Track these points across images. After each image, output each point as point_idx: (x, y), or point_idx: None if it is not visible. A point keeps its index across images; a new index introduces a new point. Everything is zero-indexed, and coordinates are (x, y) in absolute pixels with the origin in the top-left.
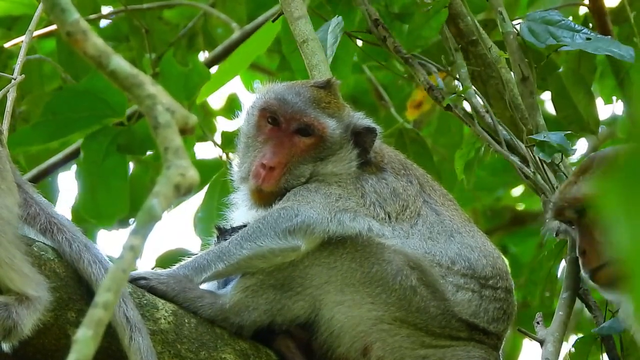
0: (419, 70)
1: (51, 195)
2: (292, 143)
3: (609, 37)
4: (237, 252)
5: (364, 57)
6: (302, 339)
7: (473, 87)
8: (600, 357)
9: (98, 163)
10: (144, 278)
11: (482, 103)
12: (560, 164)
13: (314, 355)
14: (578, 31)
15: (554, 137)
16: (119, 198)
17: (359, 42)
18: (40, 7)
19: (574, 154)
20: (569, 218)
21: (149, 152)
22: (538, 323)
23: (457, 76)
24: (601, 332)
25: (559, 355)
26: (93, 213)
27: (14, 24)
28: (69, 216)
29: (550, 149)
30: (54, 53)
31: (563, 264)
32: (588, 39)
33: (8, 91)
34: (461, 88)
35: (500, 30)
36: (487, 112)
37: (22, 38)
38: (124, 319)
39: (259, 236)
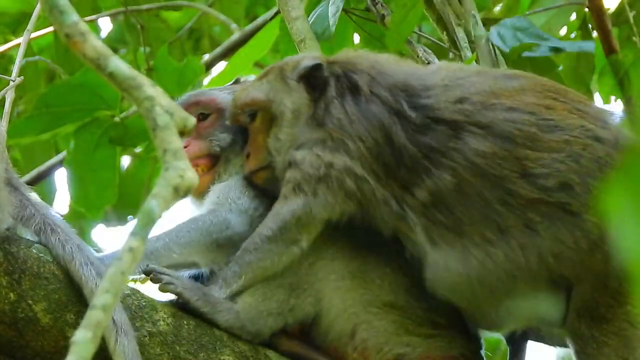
0: (418, 47)
1: (49, 194)
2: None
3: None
4: (167, 255)
5: (364, 43)
6: (297, 330)
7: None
8: None
9: (89, 154)
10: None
11: None
12: None
13: (313, 342)
14: (546, 39)
15: None
16: (108, 189)
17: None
18: (38, 8)
19: None
20: (243, 123)
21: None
22: None
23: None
24: None
25: None
26: (82, 203)
27: (18, 27)
28: (67, 212)
29: None
30: (51, 47)
31: None
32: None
33: (7, 92)
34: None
35: (473, 33)
36: None
37: (20, 40)
38: (111, 321)
39: (189, 243)
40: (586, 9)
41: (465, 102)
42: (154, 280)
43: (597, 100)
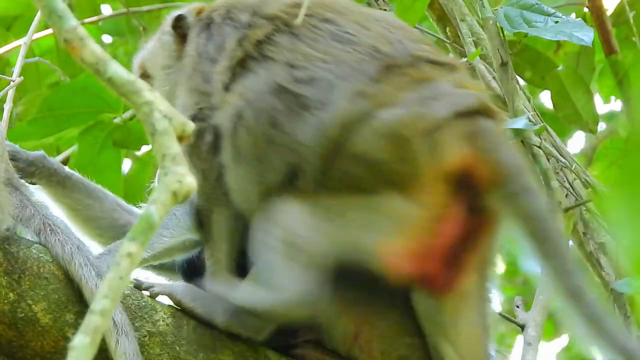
0: None
1: None
2: None
3: (579, 19)
4: (158, 240)
5: None
6: (315, 339)
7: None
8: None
9: (93, 157)
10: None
11: (488, 71)
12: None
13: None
14: (550, 14)
15: (518, 123)
16: (112, 191)
17: None
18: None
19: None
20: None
21: (144, 148)
22: (518, 307)
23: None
24: (616, 287)
25: (540, 340)
26: None
27: (13, 24)
28: None
29: (514, 132)
30: (52, 50)
31: None
32: (556, 22)
33: (7, 93)
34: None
35: (480, 15)
36: (494, 79)
37: (20, 41)
38: (111, 322)
39: (177, 224)
40: (586, 9)
41: (297, 7)
42: (141, 289)
43: (597, 100)
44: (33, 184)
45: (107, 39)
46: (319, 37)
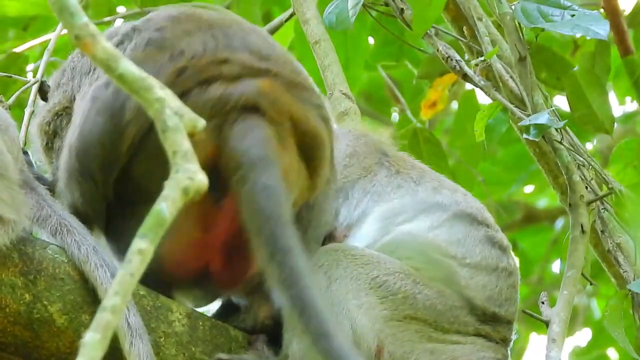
0: (436, 41)
1: None
2: None
3: (595, 12)
4: None
5: (377, 54)
6: None
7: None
8: (632, 313)
9: None
10: None
11: (504, 70)
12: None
13: None
14: (567, 8)
15: (540, 118)
16: None
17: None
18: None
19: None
20: None
21: None
22: (543, 303)
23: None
24: (633, 288)
25: (565, 336)
26: None
27: (29, 24)
28: None
29: (537, 129)
30: (67, 47)
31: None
32: (572, 15)
33: (22, 92)
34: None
35: (497, 11)
36: (511, 77)
37: (37, 41)
38: (126, 324)
39: None
40: (601, 10)
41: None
42: None
43: (613, 101)
44: None
45: None
46: (139, 45)
